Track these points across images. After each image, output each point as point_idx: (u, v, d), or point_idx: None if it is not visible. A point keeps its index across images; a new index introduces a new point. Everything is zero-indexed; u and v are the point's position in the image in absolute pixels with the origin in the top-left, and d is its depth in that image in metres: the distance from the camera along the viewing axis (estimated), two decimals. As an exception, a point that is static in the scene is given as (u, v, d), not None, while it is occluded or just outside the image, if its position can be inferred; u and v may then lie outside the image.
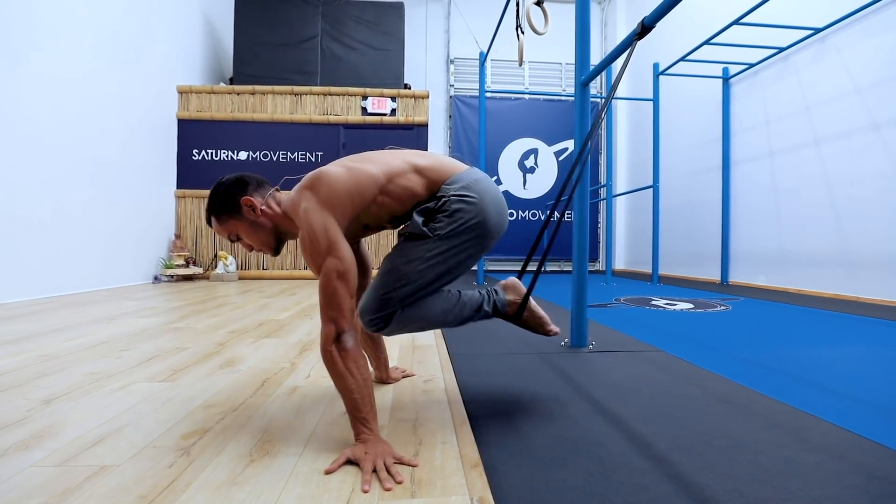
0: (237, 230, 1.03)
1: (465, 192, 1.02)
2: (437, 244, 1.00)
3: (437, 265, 1.00)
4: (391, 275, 0.98)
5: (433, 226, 1.00)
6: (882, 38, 3.12)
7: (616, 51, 1.43)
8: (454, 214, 1.00)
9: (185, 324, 2.16)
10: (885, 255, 3.07)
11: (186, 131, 4.68)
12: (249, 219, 1.01)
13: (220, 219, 1.02)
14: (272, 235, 1.05)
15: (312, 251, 0.90)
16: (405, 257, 0.99)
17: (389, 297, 0.97)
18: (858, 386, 1.27)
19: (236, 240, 1.06)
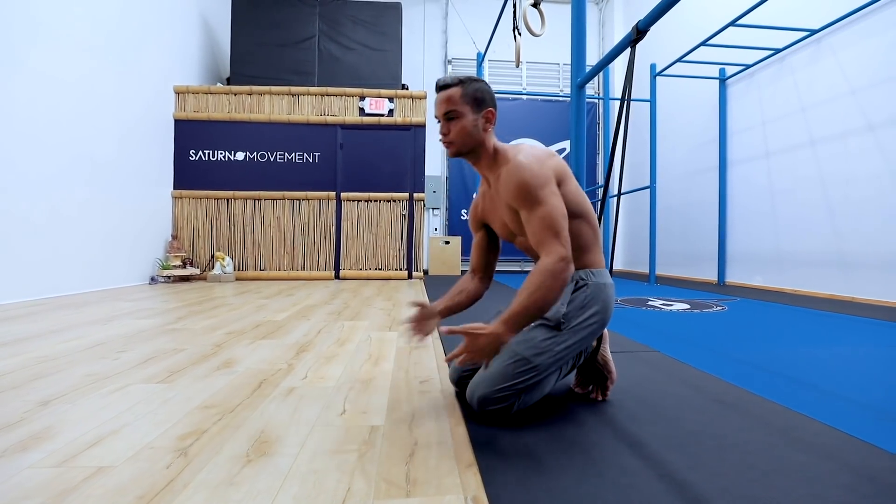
0: (462, 115, 1.07)
1: (605, 291, 1.12)
2: (566, 337, 1.06)
3: (561, 359, 1.07)
4: (520, 365, 1.01)
5: (567, 314, 1.07)
6: (878, 40, 3.14)
7: (611, 54, 1.45)
8: (587, 307, 1.08)
9: (182, 325, 2.16)
10: (880, 257, 3.09)
11: (183, 132, 4.67)
12: (478, 122, 1.08)
13: (464, 96, 1.06)
14: (473, 146, 1.10)
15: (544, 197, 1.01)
16: (535, 349, 1.03)
17: (517, 388, 1.00)
18: (850, 386, 1.29)
19: (449, 118, 1.08)
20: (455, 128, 1.07)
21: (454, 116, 1.07)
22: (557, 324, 1.06)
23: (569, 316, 1.07)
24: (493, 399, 0.99)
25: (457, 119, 1.07)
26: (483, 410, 1.01)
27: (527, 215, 1.02)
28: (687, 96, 5.18)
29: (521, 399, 1.01)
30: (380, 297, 3.41)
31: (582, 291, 1.10)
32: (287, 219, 4.76)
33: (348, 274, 4.80)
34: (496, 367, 1.02)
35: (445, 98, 1.07)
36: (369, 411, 1.09)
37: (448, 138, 1.08)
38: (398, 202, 4.92)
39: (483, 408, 1.00)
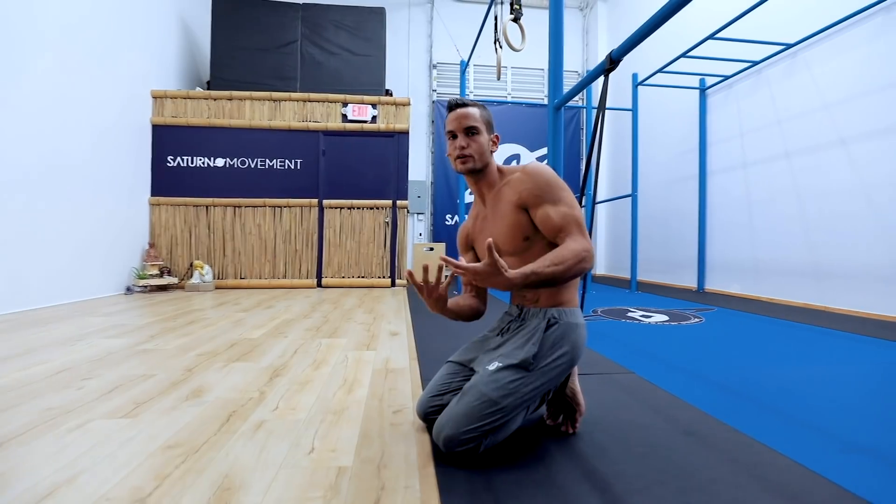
0: (480, 131, 1.14)
1: (576, 331, 1.12)
2: (534, 378, 1.06)
3: (529, 400, 1.06)
4: (487, 406, 1.00)
5: (537, 354, 1.06)
6: (849, 56, 3.22)
7: (586, 80, 1.45)
8: (557, 347, 1.08)
9: (154, 344, 2.11)
10: (851, 269, 3.17)
11: (161, 137, 4.57)
12: (488, 141, 1.17)
13: (482, 117, 1.16)
14: (485, 163, 1.17)
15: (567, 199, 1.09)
16: (503, 390, 1.02)
17: (483, 429, 0.99)
18: (819, 412, 1.31)
19: (470, 133, 1.14)
20: (474, 143, 1.13)
21: (476, 132, 1.14)
22: (527, 365, 1.05)
23: (538, 356, 1.07)
24: (460, 440, 0.98)
25: (476, 135, 1.14)
26: (449, 451, 1.00)
27: (549, 209, 1.07)
28: (668, 105, 5.25)
29: (488, 439, 1.00)
30: (361, 308, 3.38)
31: (553, 331, 1.10)
32: (268, 226, 4.70)
33: (331, 282, 4.75)
34: (462, 407, 1.01)
35: (466, 114, 1.13)
36: (338, 449, 1.07)
37: (468, 151, 1.13)
38: (381, 209, 4.88)
39: (449, 449, 0.99)
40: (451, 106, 1.16)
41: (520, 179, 1.12)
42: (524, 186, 1.10)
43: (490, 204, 1.19)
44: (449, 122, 1.16)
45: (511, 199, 1.12)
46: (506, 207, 1.14)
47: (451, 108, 1.16)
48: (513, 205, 1.12)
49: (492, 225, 1.18)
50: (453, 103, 1.15)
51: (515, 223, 1.12)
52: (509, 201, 1.13)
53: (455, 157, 1.15)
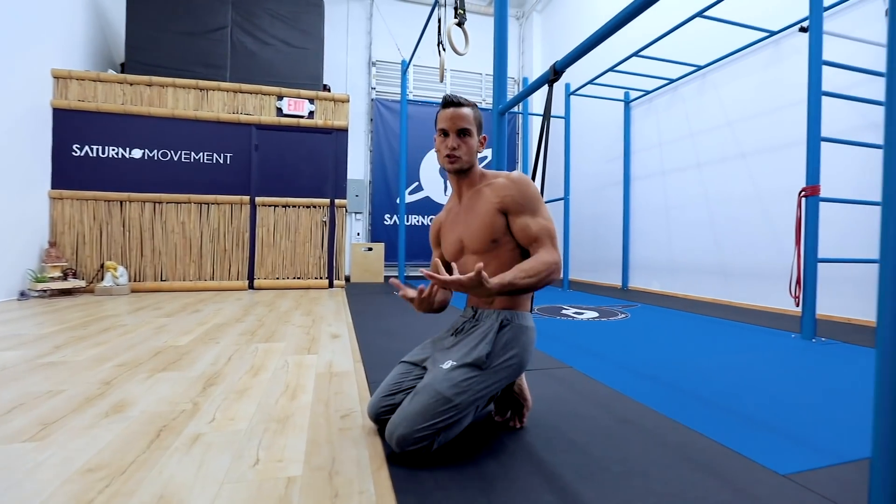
0: (472, 132, 1.17)
1: (526, 334, 1.15)
2: (486, 377, 1.08)
3: (480, 398, 1.07)
4: (440, 404, 1.00)
5: (490, 354, 1.09)
6: (748, 80, 3.64)
7: (529, 88, 1.51)
8: (508, 348, 1.11)
9: (61, 356, 1.88)
10: (751, 267, 3.59)
11: (65, 123, 4.08)
12: (477, 142, 1.20)
13: (475, 118, 1.18)
14: (473, 164, 1.21)
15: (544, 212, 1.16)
16: (457, 388, 1.03)
17: (437, 426, 0.99)
18: (730, 397, 1.47)
19: (462, 134, 1.16)
20: (465, 144, 1.16)
21: (467, 134, 1.16)
22: (480, 364, 1.08)
23: (491, 356, 1.10)
24: (413, 439, 0.98)
25: (467, 136, 1.16)
26: (403, 451, 0.99)
27: (528, 219, 1.13)
28: (597, 115, 5.60)
29: (441, 436, 1.02)
30: (298, 311, 3.25)
31: (505, 332, 1.14)
32: (194, 224, 4.36)
33: (264, 283, 4.52)
34: (416, 406, 1.01)
35: (461, 115, 1.15)
36: (286, 459, 1.02)
37: (458, 152, 1.16)
38: (318, 208, 4.73)
39: (402, 448, 0.99)
40: (446, 103, 1.17)
41: (504, 185, 1.16)
42: (508, 193, 1.14)
43: (466, 202, 1.22)
44: (442, 119, 1.17)
45: (491, 201, 1.15)
46: (484, 207, 1.17)
47: (446, 104, 1.17)
48: (492, 206, 1.15)
49: (464, 222, 1.21)
50: (449, 100, 1.16)
51: (490, 224, 1.15)
52: (489, 202, 1.16)
53: (444, 155, 1.18)
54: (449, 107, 1.17)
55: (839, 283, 2.92)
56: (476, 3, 7.13)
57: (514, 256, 1.17)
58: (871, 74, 2.57)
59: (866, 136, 2.81)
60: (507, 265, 1.13)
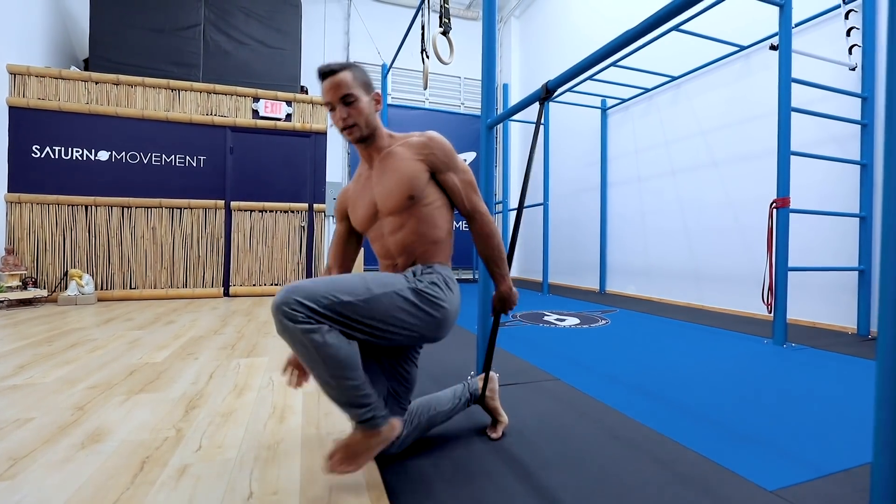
0: (358, 97, 1.08)
1: (451, 284, 1.14)
2: (410, 293, 1.03)
3: (396, 315, 0.99)
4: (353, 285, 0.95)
5: (415, 278, 1.08)
6: (719, 92, 3.77)
7: (520, 105, 1.52)
8: (434, 284, 1.09)
9: (26, 378, 1.77)
10: (723, 273, 3.72)
11: (22, 122, 3.85)
12: (370, 104, 1.12)
13: (356, 80, 1.08)
14: (373, 129, 1.13)
15: (462, 164, 1.20)
16: (379, 281, 1.00)
17: (334, 304, 0.89)
18: (714, 408, 1.52)
19: (347, 103, 1.07)
20: (355, 111, 1.08)
21: (352, 100, 1.07)
22: (405, 281, 1.06)
23: (417, 278, 1.09)
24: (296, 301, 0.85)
25: (355, 102, 1.08)
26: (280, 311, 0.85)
27: (453, 177, 1.16)
28: (575, 121, 5.69)
29: (327, 326, 0.88)
30: (279, 320, 3.17)
31: (428, 272, 1.12)
32: (165, 230, 4.20)
33: (240, 290, 4.39)
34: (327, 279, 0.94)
35: (338, 82, 1.06)
36: (280, 489, 0.99)
37: (350, 121, 1.08)
38: (296, 213, 4.63)
39: (278, 306, 0.85)
40: (321, 74, 1.06)
41: (423, 143, 1.13)
42: (430, 150, 1.13)
43: (378, 166, 1.16)
44: (323, 93, 1.08)
45: (410, 157, 1.12)
46: (400, 164, 1.11)
47: (322, 76, 1.06)
48: (412, 162, 1.11)
49: (379, 183, 1.14)
50: (322, 71, 1.06)
51: (408, 179, 1.10)
52: (406, 159, 1.12)
53: (341, 129, 1.10)
54: (325, 77, 1.06)
55: (806, 288, 3.06)
56: (455, 6, 7.13)
57: (430, 212, 1.13)
58: (834, 91, 2.70)
59: (828, 148, 2.96)
60: (427, 221, 1.13)
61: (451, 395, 1.28)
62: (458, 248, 7.05)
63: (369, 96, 1.12)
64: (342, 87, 1.05)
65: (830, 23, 2.99)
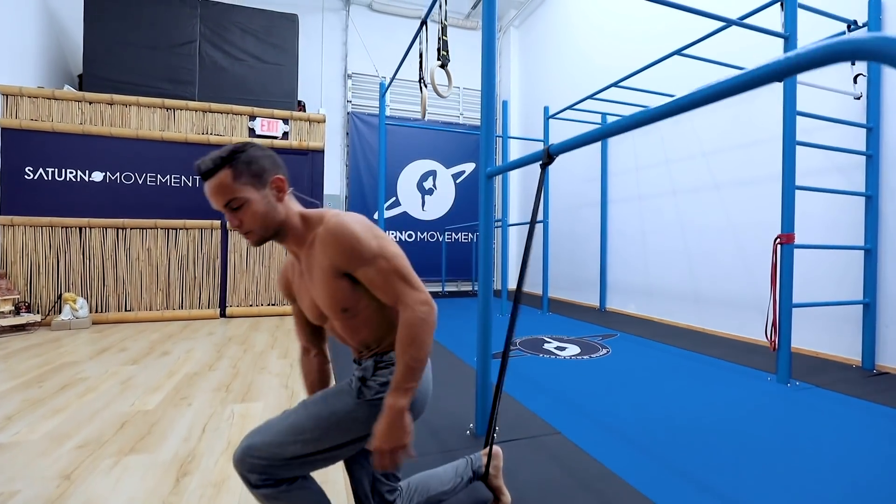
0: (246, 199, 0.90)
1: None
2: (359, 409, 0.98)
3: (346, 432, 0.96)
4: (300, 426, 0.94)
5: (363, 387, 1.00)
6: (722, 115, 3.73)
7: (521, 161, 1.48)
8: (387, 388, 0.98)
9: (13, 433, 1.73)
10: (723, 296, 3.68)
11: (15, 144, 3.80)
12: (267, 197, 0.93)
13: (238, 178, 0.89)
14: (277, 227, 0.95)
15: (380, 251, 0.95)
16: (317, 414, 0.96)
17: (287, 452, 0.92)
18: (724, 472, 1.47)
19: (234, 209, 0.90)
20: (246, 216, 0.91)
21: (239, 205, 0.90)
22: (345, 391, 1.02)
23: (364, 387, 1.01)
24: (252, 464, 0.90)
25: (244, 206, 0.91)
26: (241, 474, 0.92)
27: (367, 272, 0.93)
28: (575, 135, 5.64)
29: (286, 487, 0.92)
30: (274, 349, 3.13)
31: (383, 369, 1.03)
32: (160, 251, 4.15)
33: (237, 311, 4.34)
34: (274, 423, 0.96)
35: (216, 188, 0.89)
36: None
37: (244, 228, 0.92)
38: (295, 231, 4.58)
39: (241, 468, 0.91)
40: (200, 174, 0.92)
41: (325, 241, 0.94)
42: (333, 251, 0.93)
43: (304, 262, 1.01)
44: (208, 196, 0.92)
45: (323, 264, 0.95)
46: (319, 273, 0.96)
47: (202, 177, 0.92)
48: (326, 271, 0.95)
49: (312, 286, 1.01)
50: (200, 171, 0.90)
51: (332, 293, 0.96)
52: (322, 266, 0.95)
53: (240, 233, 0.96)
54: (204, 179, 0.91)
55: (809, 318, 3.02)
56: (454, 16, 7.08)
57: (377, 308, 1.01)
58: (838, 123, 2.66)
59: (832, 177, 2.92)
60: (377, 315, 1.01)
61: (453, 474, 1.24)
62: (456, 258, 7.02)
63: (264, 189, 0.93)
64: (223, 192, 0.89)
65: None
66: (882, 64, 0.53)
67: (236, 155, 0.90)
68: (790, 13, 2.41)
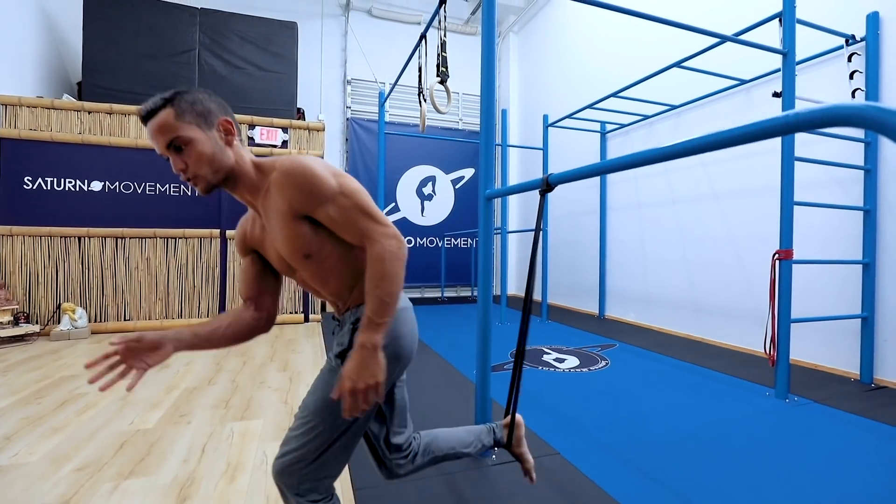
0: (191, 139, 0.85)
1: (400, 316, 1.00)
2: None
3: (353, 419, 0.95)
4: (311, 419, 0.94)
5: (344, 351, 0.97)
6: (721, 123, 3.73)
7: (521, 186, 1.48)
8: None
9: (12, 455, 1.73)
10: (722, 305, 3.69)
11: (13, 154, 3.80)
12: (214, 139, 0.88)
13: (182, 116, 0.85)
14: (226, 171, 0.90)
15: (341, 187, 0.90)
16: (317, 395, 0.96)
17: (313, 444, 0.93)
18: (713, 497, 1.48)
19: (176, 150, 0.85)
20: (191, 158, 0.86)
21: (181, 145, 0.85)
22: (334, 362, 1.00)
23: (347, 352, 0.98)
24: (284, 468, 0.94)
25: (188, 146, 0.85)
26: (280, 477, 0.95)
27: (328, 211, 0.89)
28: (574, 143, 5.65)
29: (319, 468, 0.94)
30: (274, 362, 3.13)
31: None
32: (160, 260, 4.15)
33: (236, 320, 4.33)
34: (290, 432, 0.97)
35: (158, 127, 0.84)
36: None
37: (189, 173, 0.87)
38: (294, 239, 4.58)
39: (282, 471, 0.94)
40: (140, 118, 0.87)
41: (280, 184, 0.89)
42: (289, 193, 0.88)
43: (263, 212, 0.96)
44: (151, 142, 0.88)
45: (281, 209, 0.90)
46: (277, 218, 0.91)
47: (142, 120, 0.87)
48: (284, 215, 0.90)
49: (271, 235, 0.97)
50: (141, 114, 0.86)
51: (293, 237, 0.91)
52: (279, 211, 0.90)
53: (184, 181, 0.93)
54: (145, 121, 0.86)
55: (807, 330, 3.02)
56: (453, 21, 7.08)
57: (344, 255, 0.97)
58: (837, 138, 2.67)
59: (830, 190, 2.92)
60: (343, 266, 0.97)
61: (474, 438, 1.30)
62: (455, 263, 7.02)
63: (210, 131, 0.88)
64: (165, 131, 0.84)
65: (832, 62, 2.95)
66: (879, 134, 0.54)
67: (179, 94, 0.86)
68: (789, 29, 2.42)
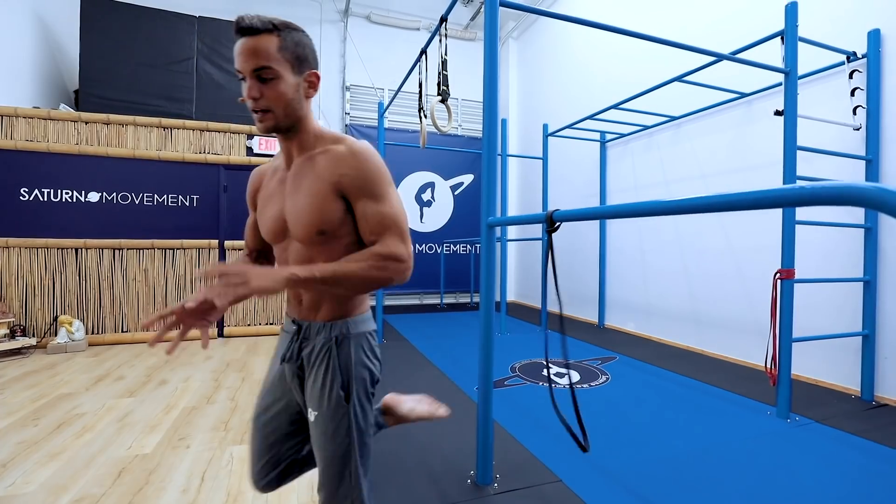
0: (281, 76, 0.83)
1: (368, 340, 1.00)
2: (357, 411, 0.95)
3: (364, 432, 0.96)
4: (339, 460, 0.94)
5: (347, 382, 0.94)
6: (721, 136, 3.73)
7: (524, 218, 1.47)
8: (358, 364, 0.96)
9: (8, 485, 1.70)
10: (722, 318, 3.69)
11: (9, 165, 3.76)
12: (299, 85, 0.87)
13: (283, 51, 0.82)
14: (295, 120, 0.89)
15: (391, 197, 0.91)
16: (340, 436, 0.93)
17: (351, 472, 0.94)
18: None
19: (263, 79, 0.82)
20: (271, 92, 0.82)
21: (270, 77, 0.82)
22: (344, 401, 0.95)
23: (349, 384, 0.95)
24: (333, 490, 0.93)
25: (273, 81, 0.82)
26: None
27: (368, 205, 0.87)
28: (574, 152, 5.64)
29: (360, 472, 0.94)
30: (274, 377, 3.11)
31: (344, 348, 0.95)
32: (158, 271, 4.12)
33: (235, 331, 4.32)
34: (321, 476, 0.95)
35: (254, 50, 0.80)
36: None
37: (262, 104, 0.83)
38: (293, 249, 4.56)
39: None
40: (237, 29, 0.81)
41: (342, 157, 0.87)
42: (347, 170, 0.86)
43: (295, 168, 0.93)
44: (235, 56, 0.82)
45: (325, 177, 0.87)
46: (315, 184, 0.88)
47: (238, 32, 0.81)
48: (327, 184, 0.87)
49: (291, 194, 0.92)
50: (239, 26, 0.80)
51: (318, 209, 0.87)
52: (322, 178, 0.87)
53: (251, 110, 0.85)
54: (243, 35, 0.80)
55: (808, 346, 3.02)
56: (453, 27, 7.07)
57: (347, 248, 0.92)
58: (838, 156, 2.67)
59: (832, 207, 2.92)
60: (338, 257, 0.91)
61: None
62: (454, 269, 7.00)
63: (300, 76, 0.86)
64: (259, 55, 0.80)
65: (833, 78, 2.95)
66: (881, 212, 0.53)
67: (289, 28, 0.83)
68: (791, 48, 2.41)
